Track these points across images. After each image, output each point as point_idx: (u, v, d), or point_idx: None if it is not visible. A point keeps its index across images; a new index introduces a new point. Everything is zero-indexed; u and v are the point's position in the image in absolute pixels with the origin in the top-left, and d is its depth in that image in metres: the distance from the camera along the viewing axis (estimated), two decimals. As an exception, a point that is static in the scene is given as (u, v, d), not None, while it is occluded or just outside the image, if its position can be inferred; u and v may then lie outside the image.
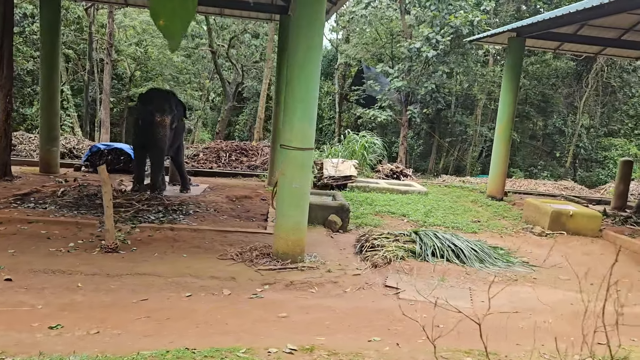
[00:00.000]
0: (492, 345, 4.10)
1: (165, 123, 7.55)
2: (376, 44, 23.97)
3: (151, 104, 7.70)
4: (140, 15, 25.15)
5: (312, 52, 5.31)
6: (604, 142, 25.72)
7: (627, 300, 5.51)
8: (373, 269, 5.89)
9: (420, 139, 26.91)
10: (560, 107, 25.68)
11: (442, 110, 24.61)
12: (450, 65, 20.50)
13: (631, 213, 10.19)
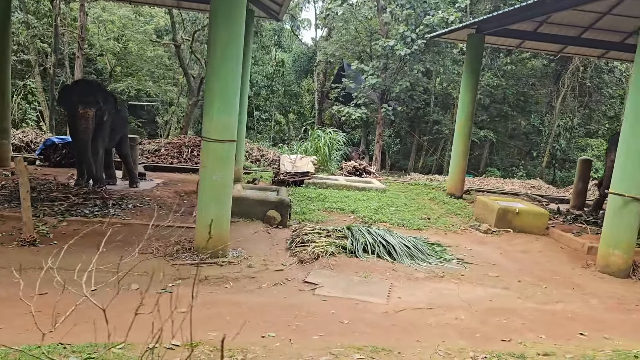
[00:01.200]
0: (391, 342, 4.04)
1: (88, 115, 7.39)
2: (355, 41, 23.88)
3: (74, 96, 7.54)
4: (120, 9, 24.92)
5: (232, 45, 5.21)
6: (581, 143, 25.83)
7: (551, 297, 5.49)
8: (299, 265, 5.80)
9: (399, 138, 26.90)
10: (539, 106, 25.76)
11: (421, 108, 24.61)
12: (426, 64, 20.48)
13: (588, 211, 10.16)
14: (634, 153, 6.06)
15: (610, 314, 5.12)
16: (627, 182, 6.12)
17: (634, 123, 6.04)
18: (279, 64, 28.04)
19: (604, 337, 4.48)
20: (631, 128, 6.08)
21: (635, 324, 4.89)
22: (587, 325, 4.73)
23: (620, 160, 6.21)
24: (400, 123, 26.04)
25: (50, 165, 10.92)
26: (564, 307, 5.21)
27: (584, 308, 5.24)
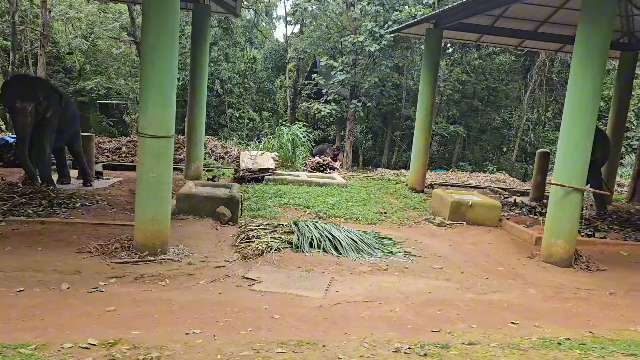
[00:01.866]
0: (318, 335, 4.02)
1: (25, 110, 7.21)
2: (326, 37, 23.84)
3: (12, 91, 7.35)
4: (87, 7, 24.44)
5: (164, 37, 5.11)
6: (550, 136, 26.22)
7: (490, 287, 5.54)
8: (242, 261, 5.75)
9: (371, 134, 26.99)
10: (508, 101, 26.10)
11: (393, 104, 24.71)
12: (395, 60, 20.56)
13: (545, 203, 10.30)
14: (573, 145, 6.15)
15: (545, 303, 5.18)
16: (567, 172, 6.21)
17: (572, 116, 6.13)
18: (250, 60, 27.86)
19: (534, 326, 4.52)
20: (570, 121, 6.17)
21: (568, 312, 4.96)
22: (521, 314, 4.79)
23: (560, 151, 6.30)
24: (372, 119, 26.14)
25: (3, 165, 10.66)
26: (502, 297, 5.26)
27: (521, 297, 5.30)
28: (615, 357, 3.77)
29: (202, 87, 10.45)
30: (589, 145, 6.16)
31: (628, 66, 11.70)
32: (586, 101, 6.01)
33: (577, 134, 6.09)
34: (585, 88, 6.00)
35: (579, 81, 6.04)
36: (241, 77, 27.06)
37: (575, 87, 6.08)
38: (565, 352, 3.82)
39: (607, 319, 4.87)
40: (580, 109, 6.04)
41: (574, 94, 6.09)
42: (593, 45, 5.96)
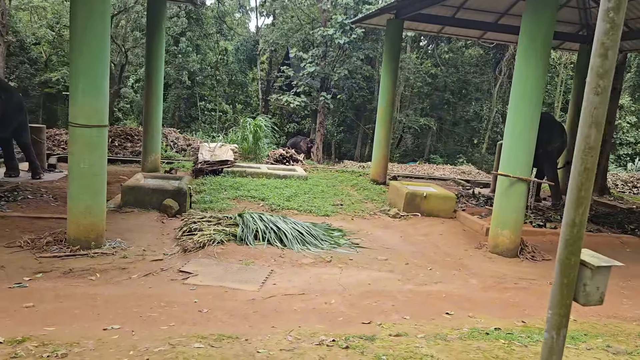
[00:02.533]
0: (243, 329, 3.92)
1: None
2: (297, 29, 23.63)
3: None
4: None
5: (94, 21, 4.91)
6: (520, 129, 26.44)
7: (432, 278, 5.51)
8: (182, 254, 5.61)
9: (343, 126, 26.91)
10: (479, 94, 26.28)
11: (365, 97, 24.66)
12: (365, 51, 20.48)
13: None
14: (517, 135, 6.16)
15: (484, 293, 5.18)
16: (512, 163, 6.21)
17: (517, 106, 6.13)
18: (222, 52, 27.46)
19: (468, 316, 4.51)
20: (514, 111, 6.17)
21: (506, 302, 4.96)
22: (458, 305, 4.77)
23: (506, 143, 6.30)
24: (345, 112, 26.06)
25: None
26: (442, 287, 5.24)
27: (462, 288, 5.28)
28: (539, 345, 3.76)
29: (158, 78, 10.21)
30: (534, 135, 6.17)
31: (587, 59, 11.80)
32: (530, 91, 6.02)
33: (521, 125, 6.09)
34: (529, 78, 6.00)
35: (523, 72, 6.03)
36: (213, 69, 26.66)
37: (519, 78, 6.08)
38: (489, 342, 3.79)
39: (544, 308, 4.80)
40: (525, 100, 6.04)
41: (518, 85, 6.09)
42: (536, 36, 5.95)
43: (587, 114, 2.13)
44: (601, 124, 2.15)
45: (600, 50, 2.09)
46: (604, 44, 2.07)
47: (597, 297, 2.40)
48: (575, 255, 2.29)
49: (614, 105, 12.41)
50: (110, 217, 6.75)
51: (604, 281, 2.37)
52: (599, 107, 2.12)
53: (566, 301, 2.33)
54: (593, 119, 2.13)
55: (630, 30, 10.75)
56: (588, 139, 2.15)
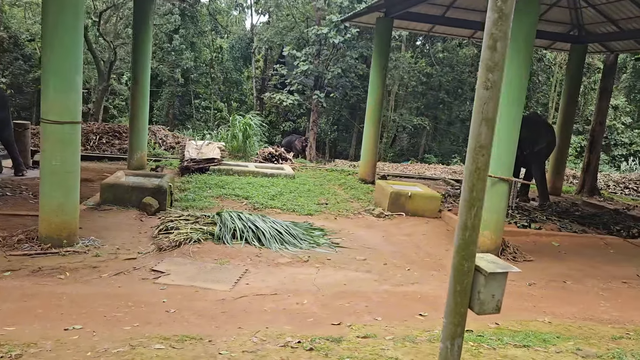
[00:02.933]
0: (209, 330, 3.86)
1: None
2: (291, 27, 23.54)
3: None
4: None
5: (65, 15, 4.84)
6: (515, 129, 26.40)
7: (409, 279, 5.45)
8: (157, 253, 5.54)
9: (337, 125, 26.85)
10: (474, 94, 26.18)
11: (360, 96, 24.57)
12: (359, 50, 20.40)
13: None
14: (500, 137, 6.05)
15: (461, 294, 5.11)
16: (494, 163, 6.09)
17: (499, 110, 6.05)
18: (216, 50, 27.36)
19: (441, 317, 4.42)
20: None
21: (482, 303, 4.89)
22: (432, 306, 4.70)
23: (488, 141, 6.22)
24: (340, 111, 25.98)
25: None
26: (418, 288, 5.18)
27: (439, 289, 5.22)
28: (507, 348, 3.71)
29: (144, 75, 10.11)
30: (516, 135, 6.11)
31: (577, 59, 11.77)
32: (512, 92, 5.95)
33: (503, 125, 6.02)
34: (511, 78, 5.92)
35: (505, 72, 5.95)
36: (207, 67, 26.57)
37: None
38: (457, 345, 3.73)
39: (520, 310, 4.83)
40: (506, 99, 5.95)
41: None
42: (517, 35, 5.86)
43: (477, 110, 2.03)
44: (492, 120, 2.03)
45: (489, 42, 1.97)
46: (492, 35, 1.97)
47: (492, 305, 2.26)
48: (469, 261, 2.15)
49: (605, 106, 12.34)
50: (88, 214, 6.69)
51: (499, 288, 2.23)
52: (489, 102, 2.00)
53: (460, 309, 2.20)
54: (483, 116, 2.02)
55: (620, 31, 10.70)
56: (479, 137, 2.04)
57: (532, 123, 9.59)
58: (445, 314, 2.15)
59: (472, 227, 2.06)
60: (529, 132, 9.26)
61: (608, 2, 10.05)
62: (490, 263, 2.25)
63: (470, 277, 2.13)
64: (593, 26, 11.30)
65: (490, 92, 1.97)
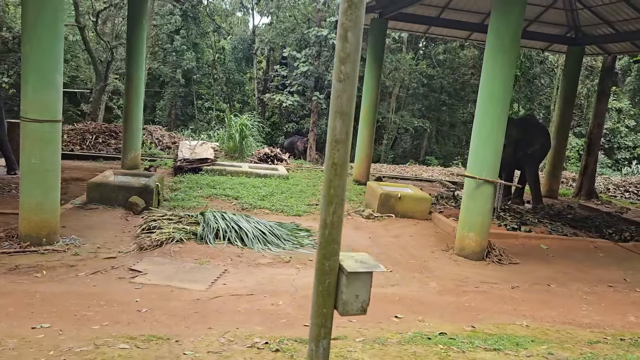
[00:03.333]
0: (178, 330, 3.83)
1: None
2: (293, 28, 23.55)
3: None
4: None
5: (45, 12, 4.84)
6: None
7: (390, 280, 5.40)
8: (138, 252, 5.53)
9: (340, 126, 26.77)
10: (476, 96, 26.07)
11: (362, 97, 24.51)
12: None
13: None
14: (484, 136, 6.05)
15: (441, 297, 5.07)
16: (479, 165, 6.10)
17: (484, 107, 6.03)
18: (219, 51, 27.42)
19: (417, 320, 4.40)
20: (482, 112, 6.06)
21: (461, 306, 4.85)
22: (410, 308, 4.66)
23: (473, 144, 6.19)
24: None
25: None
26: (398, 290, 5.13)
27: (419, 291, 5.18)
28: (477, 352, 3.65)
29: (138, 74, 10.14)
30: (501, 137, 6.05)
31: (574, 61, 11.69)
32: (497, 92, 5.91)
33: (488, 125, 5.98)
34: (496, 78, 5.89)
35: (490, 71, 5.92)
36: (210, 68, 26.62)
37: (486, 78, 5.97)
38: (427, 348, 3.68)
39: (499, 313, 4.77)
40: (492, 100, 5.93)
41: (485, 85, 5.98)
42: (504, 35, 5.84)
43: (332, 103, 1.97)
44: (348, 114, 1.96)
45: (340, 32, 1.91)
46: (343, 25, 1.91)
47: (356, 306, 2.18)
48: (330, 260, 2.08)
49: (603, 108, 12.25)
50: (73, 213, 6.70)
51: (363, 288, 2.15)
52: (343, 94, 1.94)
53: (323, 310, 2.11)
54: (337, 109, 1.95)
55: (617, 33, 10.61)
56: (334, 130, 1.97)
57: (526, 125, 9.53)
58: (311, 315, 2.10)
59: (332, 225, 2.01)
60: (523, 134, 9.21)
61: (604, 4, 9.97)
62: (358, 262, 2.18)
63: (332, 276, 2.07)
64: (590, 28, 11.22)
65: (343, 85, 1.91)
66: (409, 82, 22.82)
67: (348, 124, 1.94)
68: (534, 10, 10.86)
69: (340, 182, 2.01)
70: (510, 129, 9.11)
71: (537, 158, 9.58)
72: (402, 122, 22.98)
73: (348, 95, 1.92)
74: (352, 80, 1.90)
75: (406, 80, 22.56)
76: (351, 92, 1.90)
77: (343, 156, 1.98)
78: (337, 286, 2.08)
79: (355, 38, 1.88)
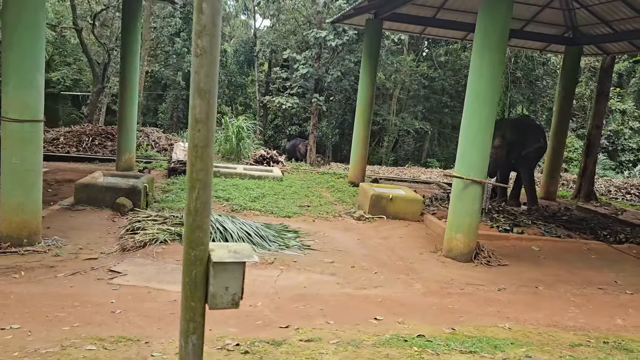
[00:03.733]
0: (149, 331, 3.79)
1: None
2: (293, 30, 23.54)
3: None
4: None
5: (26, 12, 4.83)
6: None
7: (374, 282, 5.33)
8: (120, 253, 5.50)
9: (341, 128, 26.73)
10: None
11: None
12: (358, 54, 20.31)
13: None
14: (472, 136, 5.97)
15: (424, 299, 4.99)
16: (466, 165, 6.02)
17: (471, 106, 5.95)
18: (221, 53, 27.45)
19: (397, 322, 4.32)
20: (469, 111, 5.99)
21: (443, 308, 4.77)
22: (390, 310, 4.59)
23: (460, 144, 6.12)
24: (344, 114, 25.88)
25: None
26: (381, 292, 5.06)
27: (402, 293, 5.10)
28: (452, 354, 3.58)
29: (132, 76, 10.13)
30: (488, 137, 5.97)
31: (572, 61, 11.58)
32: (484, 91, 5.83)
33: (475, 125, 5.90)
34: (483, 77, 5.81)
35: (477, 71, 5.85)
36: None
37: (474, 77, 5.89)
38: (401, 350, 3.61)
39: (482, 315, 4.69)
40: (479, 99, 5.85)
41: (472, 85, 5.90)
42: (491, 34, 5.77)
43: (191, 80, 1.88)
44: (208, 91, 1.86)
45: (196, 4, 1.82)
46: None
47: (226, 299, 2.07)
48: (196, 249, 1.97)
49: (602, 109, 12.13)
50: (59, 214, 6.69)
51: (234, 280, 2.05)
52: (200, 70, 1.85)
53: (190, 303, 2.01)
54: (196, 86, 1.86)
55: (614, 32, 10.49)
56: (194, 110, 1.88)
57: (521, 126, 9.43)
58: (180, 308, 2.01)
59: (196, 211, 1.93)
60: (517, 135, 9.11)
61: (600, 3, 9.87)
62: (230, 252, 2.07)
63: (199, 267, 1.98)
64: (587, 28, 11.11)
65: (200, 60, 1.83)
66: (410, 84, 22.72)
67: (208, 103, 1.87)
68: (530, 9, 10.78)
69: (203, 164, 1.91)
70: (505, 129, 9.08)
71: (531, 159, 9.47)
72: (403, 124, 22.88)
73: (206, 71, 1.85)
74: (212, 55, 1.83)
75: (407, 82, 22.47)
76: (210, 67, 1.82)
77: (205, 137, 1.89)
78: (207, 278, 2.00)
79: (211, 9, 1.80)
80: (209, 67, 1.85)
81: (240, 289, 2.10)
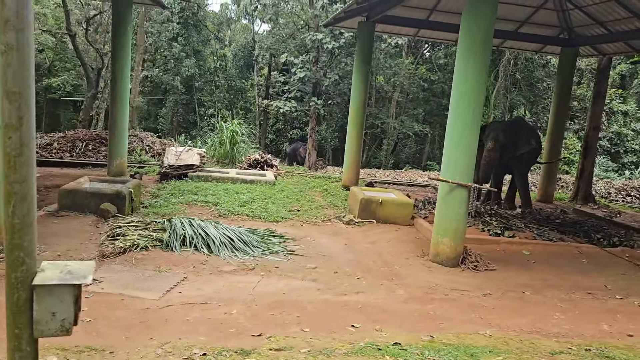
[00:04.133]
0: (117, 340, 3.70)
1: None
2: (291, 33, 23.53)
3: None
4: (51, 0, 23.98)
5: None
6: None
7: (356, 288, 5.23)
8: (99, 260, 5.42)
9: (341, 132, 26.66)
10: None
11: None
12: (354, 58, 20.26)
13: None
14: (457, 139, 5.88)
15: (405, 305, 4.88)
16: (452, 168, 5.93)
17: (456, 109, 5.87)
18: (220, 58, 27.48)
19: (375, 329, 4.22)
20: (454, 114, 5.90)
21: (424, 314, 4.66)
22: (370, 317, 4.48)
23: (446, 147, 6.03)
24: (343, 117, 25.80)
25: None
26: (361, 298, 4.96)
27: (384, 299, 4.99)
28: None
29: (123, 80, 10.09)
30: (474, 139, 5.87)
31: (568, 62, 11.46)
32: (469, 94, 5.73)
33: (460, 128, 5.81)
34: (468, 80, 5.72)
35: (462, 73, 5.76)
36: (212, 75, 26.67)
37: (458, 79, 5.80)
38: (372, 358, 3.51)
39: (463, 322, 4.58)
40: (464, 102, 5.76)
41: (457, 87, 5.81)
42: (475, 35, 5.68)
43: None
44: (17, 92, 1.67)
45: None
46: None
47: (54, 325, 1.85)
48: (16, 271, 1.77)
49: (599, 110, 11.98)
50: (42, 220, 6.61)
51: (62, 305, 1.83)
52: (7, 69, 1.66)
53: (14, 330, 1.79)
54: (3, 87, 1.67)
55: (609, 33, 10.37)
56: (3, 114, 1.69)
57: (514, 128, 9.32)
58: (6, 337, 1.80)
59: (13, 229, 1.73)
60: (509, 137, 9.00)
61: (594, 4, 9.75)
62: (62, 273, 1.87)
63: (21, 290, 1.77)
64: (582, 29, 10.99)
65: (7, 58, 1.63)
66: (409, 86, 22.63)
67: (19, 107, 1.74)
68: (525, 11, 10.68)
69: (18, 176, 1.71)
70: (498, 132, 8.97)
71: (524, 162, 9.35)
72: (402, 127, 22.78)
73: (14, 69, 1.70)
74: (21, 51, 1.65)
75: (406, 85, 22.38)
76: (19, 66, 1.62)
77: (17, 145, 1.70)
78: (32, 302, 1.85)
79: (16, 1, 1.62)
80: (18, 66, 1.65)
81: (72, 314, 1.89)
